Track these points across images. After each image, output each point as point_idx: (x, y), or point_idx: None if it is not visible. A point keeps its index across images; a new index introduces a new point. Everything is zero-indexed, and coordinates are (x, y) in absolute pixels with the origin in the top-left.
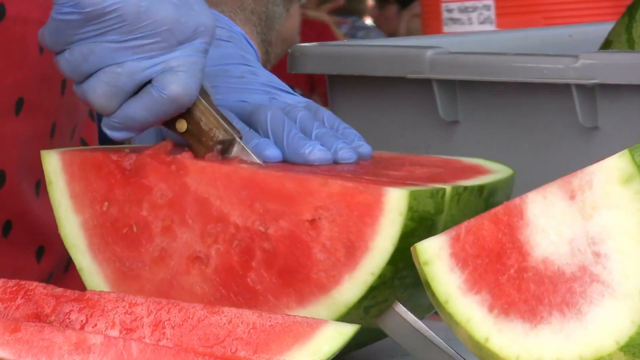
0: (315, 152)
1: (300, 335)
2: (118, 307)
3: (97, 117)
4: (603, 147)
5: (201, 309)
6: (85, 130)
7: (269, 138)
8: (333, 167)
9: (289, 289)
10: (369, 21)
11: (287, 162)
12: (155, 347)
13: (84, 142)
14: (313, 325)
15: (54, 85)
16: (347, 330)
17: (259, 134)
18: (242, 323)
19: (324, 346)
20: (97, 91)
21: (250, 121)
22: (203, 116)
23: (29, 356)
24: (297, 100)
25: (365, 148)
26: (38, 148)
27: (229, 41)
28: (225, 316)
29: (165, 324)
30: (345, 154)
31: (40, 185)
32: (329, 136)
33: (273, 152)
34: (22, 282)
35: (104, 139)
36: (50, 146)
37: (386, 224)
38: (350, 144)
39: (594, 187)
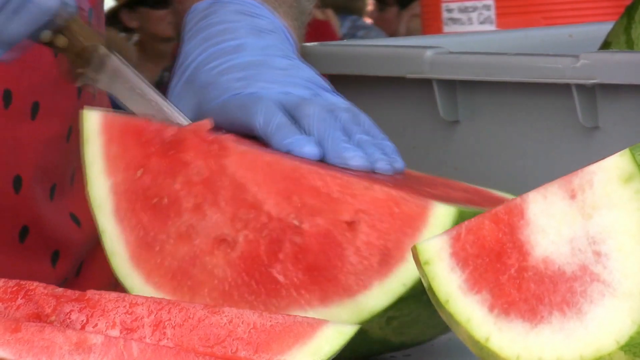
0: (357, 158)
1: (300, 335)
2: (118, 307)
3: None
4: (603, 147)
5: (202, 309)
6: None
7: (312, 132)
8: (371, 174)
9: (314, 286)
10: (369, 21)
11: (324, 161)
12: (155, 347)
13: None
14: (313, 325)
15: (70, 88)
16: (348, 331)
17: (301, 128)
18: (242, 323)
19: (325, 346)
20: None
21: (295, 113)
22: (80, 29)
23: (29, 356)
24: (339, 100)
25: (399, 164)
26: (54, 152)
27: (272, 32)
28: (225, 316)
29: (166, 323)
30: (383, 165)
31: (55, 189)
32: (369, 144)
33: (312, 150)
34: (23, 282)
35: None
36: (66, 150)
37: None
38: (387, 156)
39: (595, 187)
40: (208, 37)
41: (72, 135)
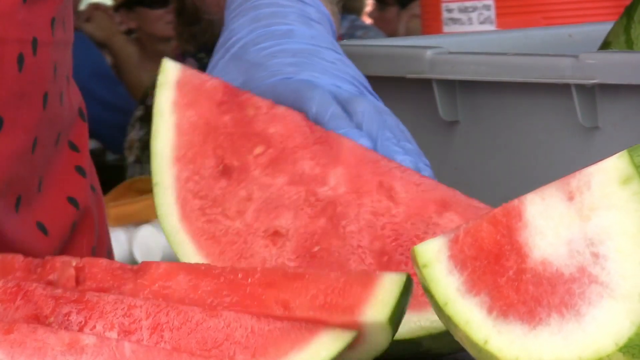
0: (407, 162)
1: (298, 340)
2: (117, 309)
3: (87, 115)
4: (603, 147)
5: (200, 312)
6: (75, 132)
7: (363, 129)
8: None
9: None
10: (368, 20)
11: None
12: (148, 348)
13: (72, 145)
14: (312, 330)
15: (35, 102)
16: (346, 336)
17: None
18: (240, 327)
19: (322, 351)
20: None
21: (346, 107)
22: None
23: (22, 357)
24: (382, 105)
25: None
26: (19, 165)
27: (319, 23)
28: (223, 319)
29: (164, 326)
30: (427, 174)
31: (20, 200)
32: (413, 153)
33: (366, 144)
34: (22, 283)
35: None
36: (31, 161)
37: None
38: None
39: (593, 188)
40: (257, 19)
41: (38, 146)
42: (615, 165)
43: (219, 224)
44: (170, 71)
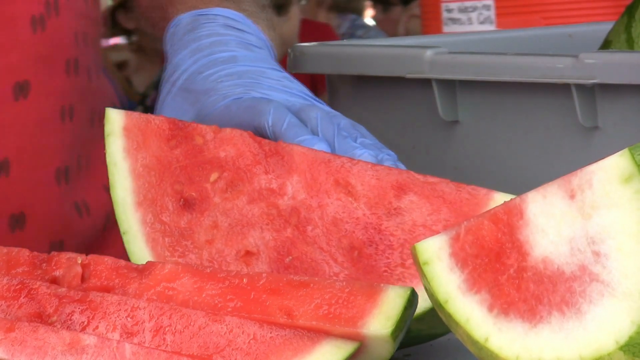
0: (365, 156)
1: (300, 349)
2: (120, 310)
3: (128, 106)
4: (603, 147)
5: (203, 317)
6: None
7: (319, 133)
8: None
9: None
10: (372, 22)
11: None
12: (148, 350)
13: None
14: (314, 339)
15: (56, 65)
16: (347, 348)
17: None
18: (242, 333)
19: None
20: None
21: (300, 116)
22: None
23: (22, 356)
24: (334, 111)
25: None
26: (48, 133)
27: (260, 48)
28: (226, 325)
29: (166, 329)
30: (390, 165)
31: (60, 176)
32: (373, 147)
33: (324, 148)
34: (27, 281)
35: None
36: (62, 131)
37: None
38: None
39: (594, 187)
40: (199, 49)
41: (68, 116)
42: (616, 163)
43: (191, 256)
44: (115, 120)
